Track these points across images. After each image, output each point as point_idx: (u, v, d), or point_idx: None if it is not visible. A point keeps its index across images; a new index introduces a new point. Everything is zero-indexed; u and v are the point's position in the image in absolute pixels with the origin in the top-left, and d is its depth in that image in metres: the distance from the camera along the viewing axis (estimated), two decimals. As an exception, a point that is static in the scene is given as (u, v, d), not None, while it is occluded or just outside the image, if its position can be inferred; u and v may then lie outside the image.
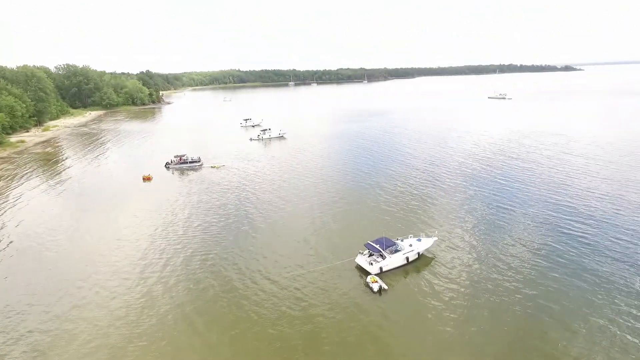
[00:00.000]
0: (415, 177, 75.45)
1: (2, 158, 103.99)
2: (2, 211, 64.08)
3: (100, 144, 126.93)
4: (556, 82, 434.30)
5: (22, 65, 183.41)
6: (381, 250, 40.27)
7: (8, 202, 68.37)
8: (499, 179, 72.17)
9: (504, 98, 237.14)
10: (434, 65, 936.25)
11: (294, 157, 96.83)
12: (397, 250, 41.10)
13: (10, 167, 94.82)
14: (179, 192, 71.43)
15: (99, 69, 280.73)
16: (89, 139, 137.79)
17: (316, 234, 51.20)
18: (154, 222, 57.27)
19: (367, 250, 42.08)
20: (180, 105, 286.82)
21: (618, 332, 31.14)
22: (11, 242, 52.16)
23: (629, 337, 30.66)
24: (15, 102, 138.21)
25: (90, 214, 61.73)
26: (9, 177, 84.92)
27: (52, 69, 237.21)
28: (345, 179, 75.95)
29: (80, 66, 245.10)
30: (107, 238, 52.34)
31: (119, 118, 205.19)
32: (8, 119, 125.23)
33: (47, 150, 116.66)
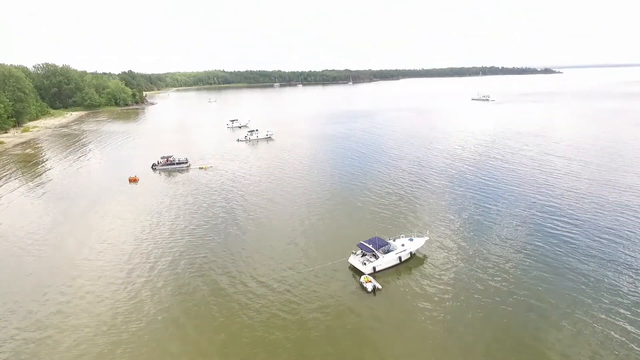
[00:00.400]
0: (402, 177, 75.89)
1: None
2: (-20, 214, 61.79)
3: (83, 145, 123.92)
4: (537, 84, 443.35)
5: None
6: (374, 250, 40.26)
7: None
8: (485, 179, 73.19)
9: (487, 100, 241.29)
10: (418, 67, 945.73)
11: (282, 158, 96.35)
12: (389, 250, 41.16)
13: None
14: (166, 193, 70.18)
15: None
16: (71, 140, 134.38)
17: (305, 235, 50.92)
18: (140, 224, 56.08)
19: (360, 251, 42.00)
20: (164, 106, 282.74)
21: (604, 330, 31.77)
22: (-10, 246, 50.23)
23: (613, 333, 31.31)
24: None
25: (73, 217, 60.03)
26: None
27: (31, 68, 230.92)
28: (332, 179, 75.89)
29: (60, 65, 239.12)
30: (92, 241, 50.96)
31: (102, 119, 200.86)
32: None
33: (27, 151, 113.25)
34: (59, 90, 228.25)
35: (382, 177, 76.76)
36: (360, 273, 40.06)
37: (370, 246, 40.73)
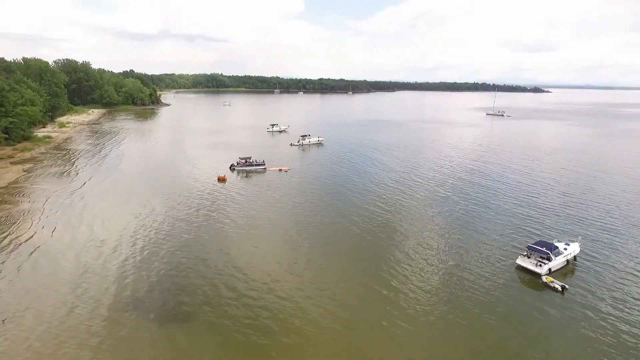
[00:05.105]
0: (516, 187, 78.55)
1: (42, 154, 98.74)
2: (62, 208, 61.47)
3: (133, 142, 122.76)
4: (535, 102, 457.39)
5: (28, 57, 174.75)
6: (549, 252, 42.48)
7: (70, 200, 65.51)
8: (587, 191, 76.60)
9: (502, 115, 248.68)
10: (411, 80, 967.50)
11: (349, 163, 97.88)
12: (559, 253, 43.49)
13: (52, 162, 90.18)
14: (257, 194, 69.96)
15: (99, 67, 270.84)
16: (114, 137, 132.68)
17: (448, 238, 52.58)
18: (242, 221, 56.74)
19: (527, 252, 44.22)
20: (180, 107, 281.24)
21: None
22: (68, 241, 49.87)
23: None
24: (34, 96, 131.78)
25: (171, 211, 60.05)
26: (64, 173, 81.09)
27: (51, 63, 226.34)
28: (422, 184, 77.83)
29: (80, 62, 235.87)
30: (214, 241, 51.54)
31: (127, 117, 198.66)
32: (41, 113, 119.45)
33: (80, 147, 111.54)
34: (79, 86, 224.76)
35: (460, 187, 79.23)
36: (532, 274, 42.16)
37: (543, 249, 42.94)
